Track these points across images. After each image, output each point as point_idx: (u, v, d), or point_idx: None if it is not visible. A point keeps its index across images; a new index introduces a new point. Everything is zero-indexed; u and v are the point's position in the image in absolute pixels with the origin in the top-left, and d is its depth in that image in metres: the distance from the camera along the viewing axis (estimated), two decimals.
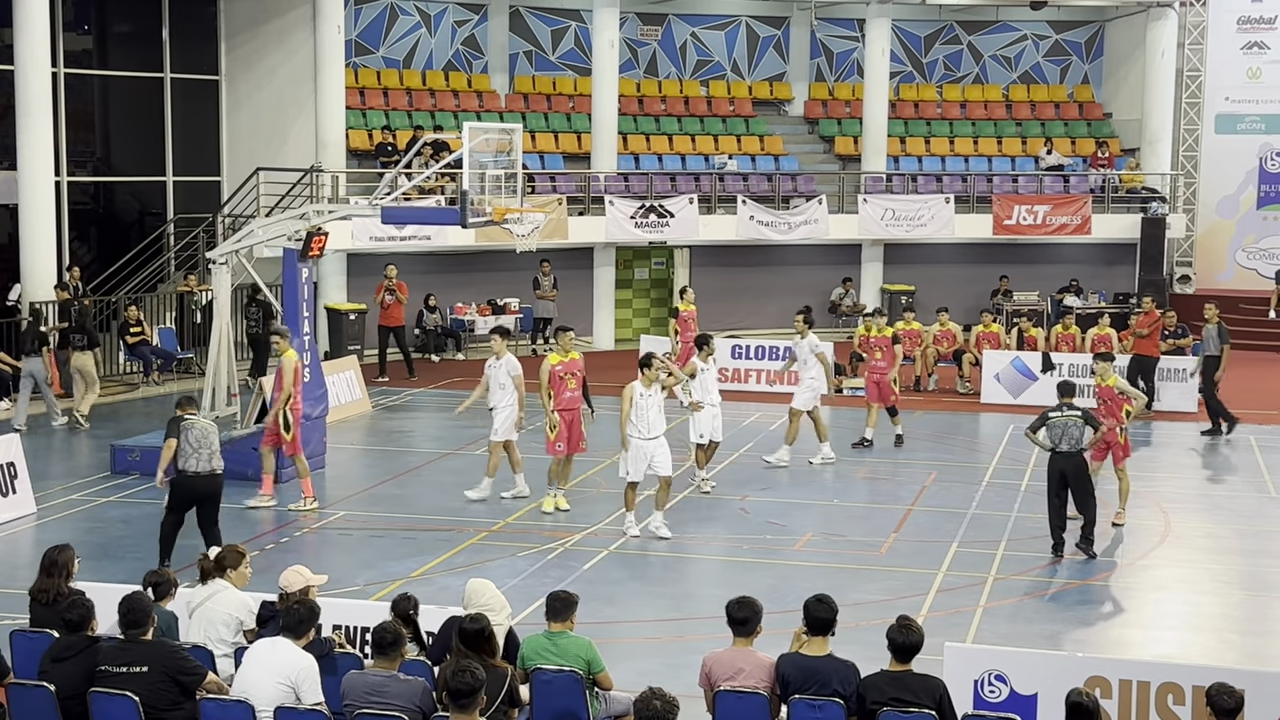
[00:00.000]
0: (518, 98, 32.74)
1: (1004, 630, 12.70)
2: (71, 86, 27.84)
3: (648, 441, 15.49)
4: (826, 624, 8.75)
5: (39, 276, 23.82)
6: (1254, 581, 14.66)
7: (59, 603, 9.45)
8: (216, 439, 14.05)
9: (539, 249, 24.40)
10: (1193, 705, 9.31)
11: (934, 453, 20.49)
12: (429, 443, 20.73)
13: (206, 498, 14.02)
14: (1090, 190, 32.57)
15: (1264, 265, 33.34)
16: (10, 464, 16.27)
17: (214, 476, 14.02)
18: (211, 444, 13.96)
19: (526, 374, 17.27)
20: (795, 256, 31.86)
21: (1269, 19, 33.30)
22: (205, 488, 13.97)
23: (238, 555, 9.93)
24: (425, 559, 14.69)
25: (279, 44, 28.70)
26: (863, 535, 15.93)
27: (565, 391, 16.59)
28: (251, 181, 27.20)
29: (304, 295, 18.39)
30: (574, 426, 16.63)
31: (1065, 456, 14.88)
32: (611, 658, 9.60)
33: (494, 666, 8.48)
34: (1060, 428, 14.83)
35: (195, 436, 13.91)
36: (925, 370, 25.47)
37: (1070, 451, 14.84)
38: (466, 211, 17.41)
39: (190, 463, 13.90)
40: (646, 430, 15.47)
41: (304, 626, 8.71)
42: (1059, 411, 14.89)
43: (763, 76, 35.20)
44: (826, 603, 8.81)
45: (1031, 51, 36.11)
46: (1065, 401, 14.98)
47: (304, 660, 8.54)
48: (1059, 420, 14.86)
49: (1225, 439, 21.50)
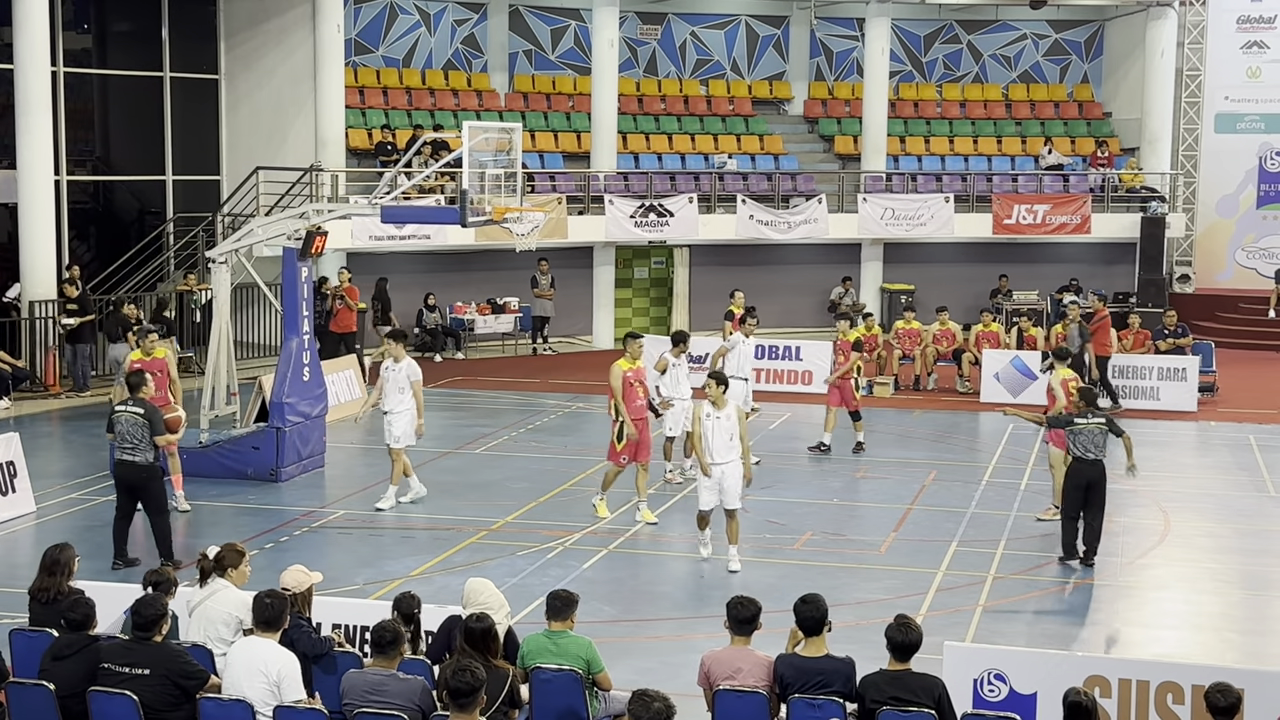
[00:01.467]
0: (517, 97, 32.74)
1: (1003, 629, 12.70)
2: (71, 85, 27.83)
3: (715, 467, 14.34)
4: (817, 624, 8.74)
5: (38, 275, 23.84)
6: (1254, 581, 14.66)
7: (59, 602, 9.45)
8: (144, 431, 14.00)
9: (538, 248, 24.45)
10: (1192, 705, 9.30)
11: (934, 452, 20.48)
12: (428, 442, 20.67)
13: (136, 488, 14.16)
14: (1090, 190, 32.57)
15: (1264, 265, 33.35)
16: (10, 463, 16.27)
17: (137, 467, 14.06)
18: (135, 436, 13.99)
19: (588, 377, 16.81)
20: (795, 256, 31.86)
21: (1269, 18, 33.30)
22: (132, 478, 14.11)
23: (237, 554, 9.91)
24: (424, 558, 14.69)
25: (278, 43, 28.70)
26: (862, 535, 15.93)
27: (636, 399, 16.04)
28: (251, 180, 27.20)
29: (304, 294, 18.40)
30: (643, 436, 16.10)
31: (1091, 464, 14.49)
32: (611, 657, 9.60)
33: (495, 666, 8.48)
34: (1087, 435, 14.47)
35: (121, 429, 14.08)
36: (925, 369, 25.48)
37: (1096, 459, 14.50)
38: (466, 211, 17.40)
39: (120, 454, 14.15)
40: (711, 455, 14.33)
41: (280, 619, 8.72)
42: (1084, 419, 14.53)
43: (762, 76, 35.21)
44: (813, 603, 8.80)
45: (1031, 51, 36.11)
46: (1089, 408, 14.68)
47: (283, 656, 8.54)
48: (1085, 428, 14.49)
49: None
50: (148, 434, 13.99)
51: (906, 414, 23.28)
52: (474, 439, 20.78)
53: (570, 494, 17.45)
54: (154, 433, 13.98)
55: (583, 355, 29.45)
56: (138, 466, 14.09)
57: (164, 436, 14.23)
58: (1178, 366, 23.76)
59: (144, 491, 14.16)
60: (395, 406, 16.56)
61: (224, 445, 18.24)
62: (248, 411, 19.59)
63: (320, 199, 25.57)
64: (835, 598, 13.70)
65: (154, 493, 14.17)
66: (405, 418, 16.56)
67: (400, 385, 16.56)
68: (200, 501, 16.96)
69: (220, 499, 17.09)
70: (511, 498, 17.20)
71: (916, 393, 25.03)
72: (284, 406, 17.97)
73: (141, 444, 14.02)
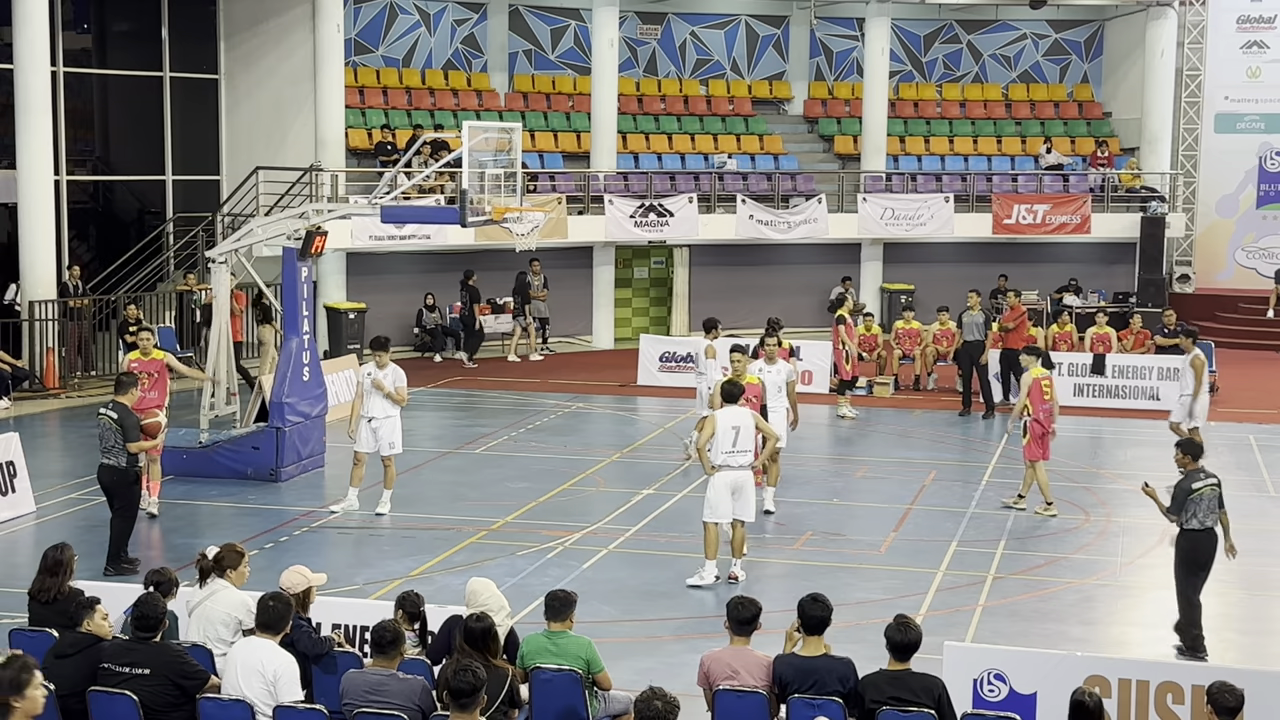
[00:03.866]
0: (517, 97, 32.74)
1: (1003, 629, 12.70)
2: (71, 85, 27.84)
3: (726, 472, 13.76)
4: (822, 623, 8.75)
5: (38, 275, 23.84)
6: (1254, 581, 14.64)
7: (59, 602, 9.46)
8: (116, 435, 14.02)
9: (537, 248, 24.45)
10: (1192, 704, 9.31)
11: (934, 452, 20.48)
12: (428, 442, 20.71)
13: (106, 489, 14.27)
14: (1090, 189, 32.57)
15: (1263, 264, 33.35)
16: (10, 463, 16.27)
17: (110, 469, 14.14)
18: (109, 440, 14.07)
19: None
20: (795, 256, 31.86)
21: (1269, 18, 33.31)
22: (104, 480, 14.24)
23: (237, 555, 9.91)
24: (424, 558, 14.68)
25: (278, 43, 28.70)
26: (862, 535, 15.93)
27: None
28: (251, 180, 27.20)
29: (303, 294, 18.40)
30: None
31: (1209, 535, 11.99)
32: (611, 657, 9.60)
33: (495, 666, 8.48)
34: (1206, 502, 11.92)
35: (99, 431, 14.20)
36: (925, 369, 25.48)
37: (1212, 529, 12.04)
38: (466, 210, 17.40)
39: (100, 456, 14.21)
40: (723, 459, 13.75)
41: (281, 623, 8.71)
42: (1201, 481, 11.96)
43: (762, 76, 35.20)
44: (821, 602, 8.80)
45: (1031, 51, 36.10)
46: (1200, 467, 12.14)
47: (281, 658, 8.54)
48: (1204, 493, 11.91)
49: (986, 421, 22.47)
50: (120, 438, 14.00)
51: (906, 414, 23.28)
52: (474, 439, 20.78)
53: (570, 494, 17.45)
54: (126, 439, 13.95)
55: (582, 355, 29.45)
56: (111, 469, 14.16)
57: (136, 444, 14.11)
58: (1178, 366, 23.69)
59: (112, 494, 14.22)
60: (384, 413, 16.30)
61: (224, 445, 18.24)
62: (248, 411, 19.58)
63: (320, 199, 25.56)
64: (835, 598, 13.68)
65: (122, 496, 14.19)
66: (394, 423, 16.33)
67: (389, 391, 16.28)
68: (200, 501, 16.98)
69: (220, 499, 17.09)
70: (511, 498, 17.19)
71: (916, 393, 25.04)
72: (284, 406, 17.97)
73: (115, 448, 14.05)
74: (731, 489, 13.69)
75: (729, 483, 13.69)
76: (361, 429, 16.29)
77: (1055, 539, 15.78)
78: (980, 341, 22.96)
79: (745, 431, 13.68)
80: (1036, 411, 16.56)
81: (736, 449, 13.66)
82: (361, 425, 16.29)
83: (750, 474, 13.86)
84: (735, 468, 13.69)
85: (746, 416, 13.86)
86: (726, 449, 13.62)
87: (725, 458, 13.64)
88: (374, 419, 16.25)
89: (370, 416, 16.26)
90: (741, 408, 14.00)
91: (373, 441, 16.29)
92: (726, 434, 13.62)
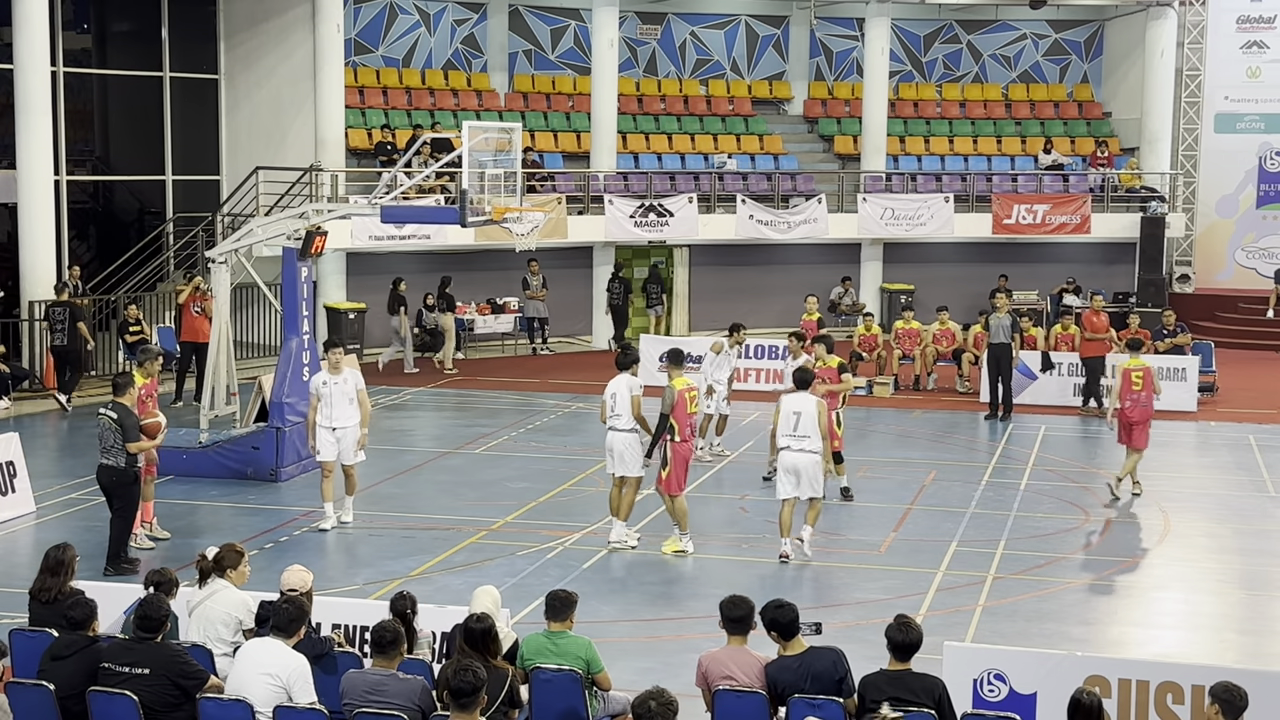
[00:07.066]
0: (517, 97, 32.74)
1: (1003, 629, 12.70)
2: (71, 85, 27.84)
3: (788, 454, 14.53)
4: (790, 626, 8.71)
5: (38, 275, 23.82)
6: (1253, 581, 14.65)
7: (60, 602, 9.45)
8: (116, 435, 13.99)
9: (537, 248, 24.44)
10: (1192, 704, 9.30)
11: (934, 452, 20.48)
12: (428, 442, 20.73)
13: (105, 489, 14.25)
14: (1089, 189, 32.57)
15: (1263, 264, 33.34)
16: (10, 463, 16.27)
17: (109, 470, 14.12)
18: (108, 440, 14.04)
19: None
20: (795, 256, 31.86)
21: (1268, 18, 33.30)
22: (103, 480, 14.23)
23: (236, 555, 9.91)
24: (424, 558, 14.68)
25: (278, 43, 28.69)
26: (862, 534, 15.93)
27: (690, 422, 15.05)
28: (251, 180, 27.20)
29: (304, 294, 18.40)
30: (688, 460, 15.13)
31: None
32: (611, 657, 9.60)
33: (495, 666, 8.48)
34: None
35: (99, 431, 14.20)
36: (925, 369, 25.47)
37: None
38: (466, 210, 17.40)
39: (100, 456, 14.21)
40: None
41: (295, 625, 8.70)
42: None
43: (762, 76, 35.20)
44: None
45: (1031, 51, 36.11)
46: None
47: (295, 660, 8.53)
48: None
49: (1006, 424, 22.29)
50: (120, 438, 13.98)
51: (906, 414, 23.28)
52: (474, 439, 20.78)
53: (570, 494, 17.44)
54: (125, 439, 13.93)
55: (582, 355, 29.44)
56: (110, 470, 14.11)
57: (136, 444, 14.04)
58: (1178, 366, 23.74)
59: (111, 495, 14.20)
60: (347, 420, 15.69)
61: (224, 445, 18.23)
62: (248, 411, 19.58)
63: (320, 199, 25.56)
64: (835, 598, 13.75)
65: (121, 497, 14.15)
66: (355, 432, 15.74)
67: (350, 396, 15.69)
68: (200, 501, 16.98)
69: (220, 499, 17.09)
70: (511, 498, 17.19)
71: (916, 393, 25.03)
72: (284, 406, 17.96)
73: (114, 448, 14.02)
74: (792, 470, 14.49)
75: (788, 465, 14.52)
76: (323, 437, 15.70)
77: (1055, 539, 15.78)
78: (1007, 344, 22.50)
79: (806, 417, 14.40)
80: (1123, 401, 17.33)
81: (797, 432, 14.44)
82: (323, 434, 15.68)
83: (811, 456, 14.45)
84: (796, 450, 14.45)
85: (810, 403, 14.53)
86: (788, 432, 14.50)
87: (787, 440, 14.51)
88: (337, 428, 15.69)
89: (334, 426, 15.68)
90: (807, 395, 14.70)
91: (336, 449, 15.73)
92: (789, 418, 14.50)
